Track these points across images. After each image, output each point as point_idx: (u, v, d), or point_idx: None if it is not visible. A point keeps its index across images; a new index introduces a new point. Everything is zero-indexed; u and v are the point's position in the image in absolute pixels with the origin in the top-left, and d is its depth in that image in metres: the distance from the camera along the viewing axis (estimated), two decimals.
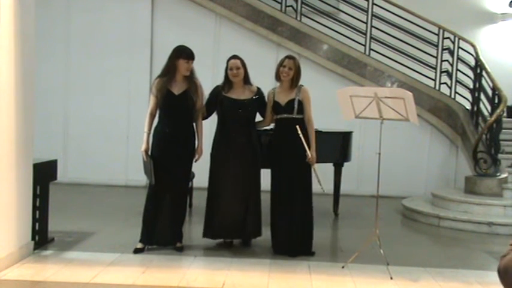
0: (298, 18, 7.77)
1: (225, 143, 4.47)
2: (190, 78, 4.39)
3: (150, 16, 7.82)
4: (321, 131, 5.24)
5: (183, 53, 4.33)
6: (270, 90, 4.57)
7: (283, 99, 4.46)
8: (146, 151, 4.35)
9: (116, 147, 7.83)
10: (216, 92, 4.53)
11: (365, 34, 7.68)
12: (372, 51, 7.70)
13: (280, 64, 4.47)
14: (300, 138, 4.31)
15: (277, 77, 4.50)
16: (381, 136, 4.23)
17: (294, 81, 4.46)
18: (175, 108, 4.36)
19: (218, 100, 4.49)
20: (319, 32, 7.69)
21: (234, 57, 4.49)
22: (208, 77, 5.12)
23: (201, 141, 4.46)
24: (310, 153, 4.36)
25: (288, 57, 4.50)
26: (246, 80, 4.52)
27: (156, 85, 4.39)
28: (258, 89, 4.55)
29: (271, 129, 4.71)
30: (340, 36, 7.71)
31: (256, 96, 4.52)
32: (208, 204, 4.56)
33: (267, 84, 4.66)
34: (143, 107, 5.18)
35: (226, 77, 4.50)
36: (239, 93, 4.48)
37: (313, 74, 7.56)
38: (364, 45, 7.69)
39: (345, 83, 7.29)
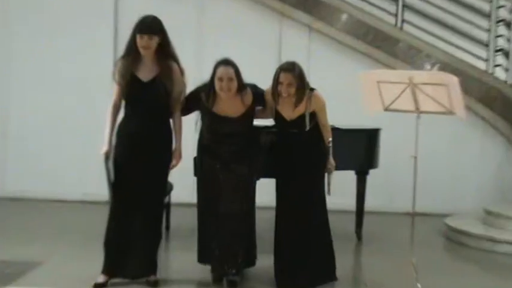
0: None
1: (213, 151, 4.48)
2: (164, 60, 4.37)
3: None
4: (338, 128, 5.21)
5: (137, 26, 4.32)
6: (268, 90, 4.48)
7: (289, 114, 4.46)
8: (107, 154, 4.34)
9: (70, 151, 7.82)
10: (197, 99, 4.46)
11: (396, 1, 7.66)
12: (405, 24, 7.70)
13: (276, 79, 4.41)
14: (328, 149, 4.45)
15: (273, 95, 4.45)
16: (417, 134, 4.24)
17: (299, 94, 4.41)
18: (144, 99, 4.35)
19: (201, 111, 4.48)
20: None
21: (225, 63, 4.38)
22: (190, 57, 5.07)
23: (180, 141, 4.46)
24: (330, 161, 4.49)
25: (283, 69, 4.41)
26: (241, 88, 4.41)
27: (118, 69, 4.39)
28: (253, 94, 4.46)
29: (274, 125, 4.69)
30: (364, 3, 7.70)
31: (253, 104, 4.46)
32: (199, 222, 4.56)
33: (268, 64, 4.61)
34: (105, 98, 5.14)
35: (213, 85, 4.39)
36: (229, 107, 4.41)
37: (328, 52, 7.55)
38: (396, 16, 7.69)
39: (371, 65, 7.28)
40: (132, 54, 4.35)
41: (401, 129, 7.26)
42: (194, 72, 4.62)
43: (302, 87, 4.42)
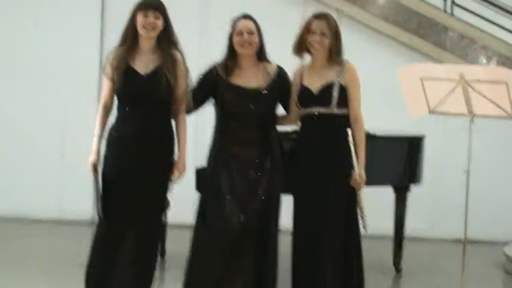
0: None
1: (227, 156, 4.50)
2: (166, 49, 4.40)
3: None
4: (374, 136, 5.27)
5: (139, 4, 4.35)
6: (297, 68, 4.58)
7: (315, 84, 4.46)
8: (95, 164, 4.38)
9: (44, 159, 7.86)
10: (213, 75, 4.54)
11: None
12: (456, 8, 7.74)
13: (306, 28, 4.47)
14: (350, 149, 4.32)
15: (298, 49, 4.52)
16: (470, 143, 4.25)
17: (333, 52, 4.45)
18: (141, 96, 4.37)
19: (218, 89, 4.52)
20: None
21: (246, 17, 4.52)
22: (194, 48, 5.06)
23: (184, 149, 4.47)
24: (358, 171, 4.36)
25: (317, 16, 4.49)
26: (262, 53, 4.53)
27: (111, 61, 4.41)
28: (279, 68, 4.57)
29: (295, 131, 4.73)
30: None
31: (277, 80, 4.53)
32: (191, 259, 4.51)
33: (290, 59, 4.64)
34: (90, 98, 5.18)
35: (231, 48, 4.51)
36: (250, 77, 4.49)
37: (362, 43, 7.59)
38: None
39: (413, 58, 7.31)
40: (128, 42, 4.38)
41: (450, 137, 7.31)
42: (198, 61, 4.64)
43: (336, 43, 4.42)
